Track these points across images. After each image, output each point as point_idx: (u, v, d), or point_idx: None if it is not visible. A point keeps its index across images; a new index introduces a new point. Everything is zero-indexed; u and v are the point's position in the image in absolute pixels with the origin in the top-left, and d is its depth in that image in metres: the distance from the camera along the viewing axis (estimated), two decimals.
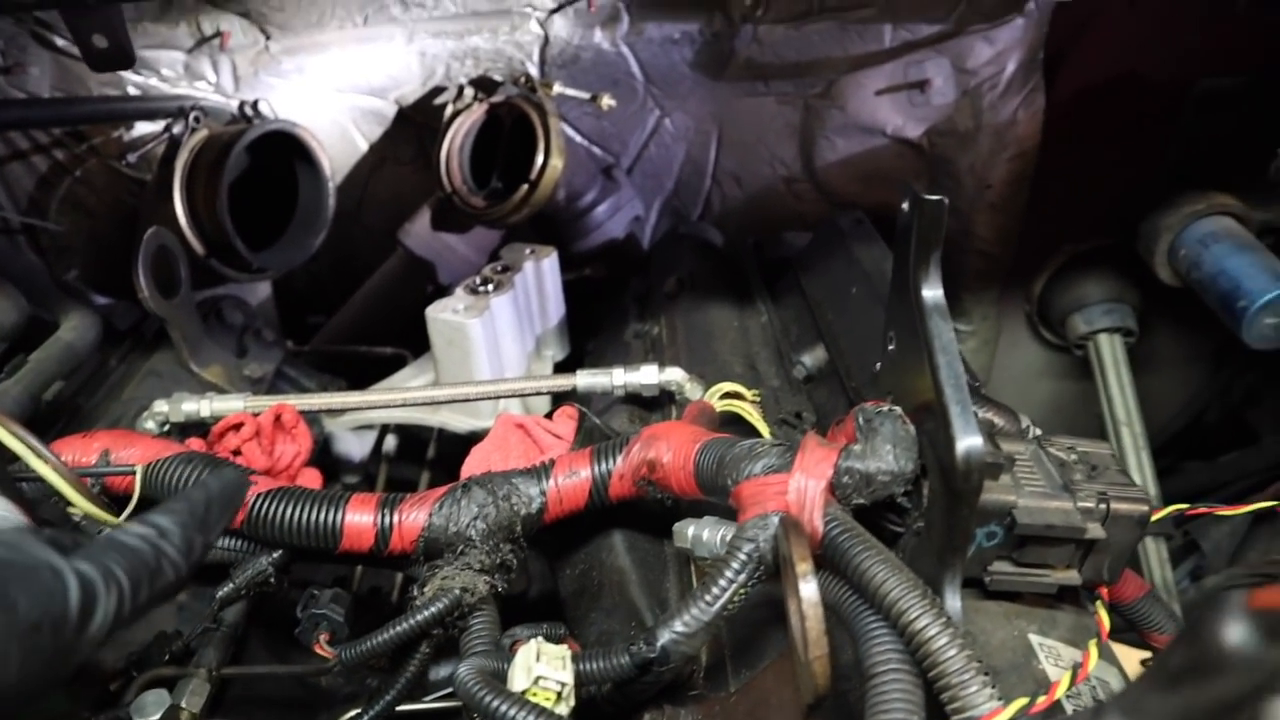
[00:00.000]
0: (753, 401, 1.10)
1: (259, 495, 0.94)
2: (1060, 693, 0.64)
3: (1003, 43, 1.74)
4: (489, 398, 1.27)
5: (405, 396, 1.28)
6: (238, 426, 1.20)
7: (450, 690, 1.17)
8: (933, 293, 0.78)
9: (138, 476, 0.95)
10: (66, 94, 1.78)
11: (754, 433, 1.06)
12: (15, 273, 1.44)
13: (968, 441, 0.69)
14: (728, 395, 1.10)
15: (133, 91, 1.82)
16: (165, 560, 0.55)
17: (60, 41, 1.74)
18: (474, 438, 1.45)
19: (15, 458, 0.91)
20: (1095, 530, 0.78)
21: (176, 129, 1.68)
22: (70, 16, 0.85)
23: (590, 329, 1.69)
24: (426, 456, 1.60)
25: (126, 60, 0.88)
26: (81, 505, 0.92)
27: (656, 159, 2.01)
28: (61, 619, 0.47)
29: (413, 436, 1.68)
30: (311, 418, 1.37)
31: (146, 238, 1.41)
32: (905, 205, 0.80)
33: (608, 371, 1.22)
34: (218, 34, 1.80)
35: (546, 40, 1.82)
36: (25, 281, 1.44)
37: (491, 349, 1.39)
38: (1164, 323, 1.98)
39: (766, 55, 1.84)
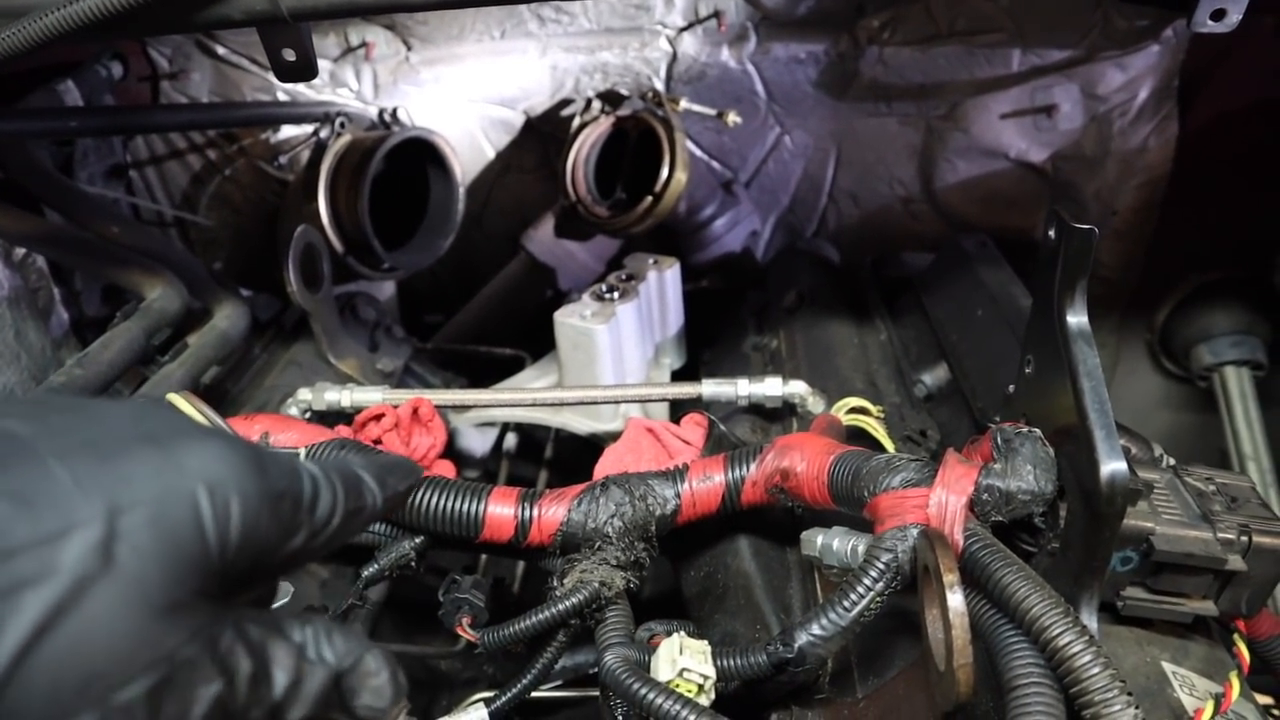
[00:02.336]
0: (878, 417, 1.12)
1: None
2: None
3: (1136, 69, 1.72)
4: (616, 401, 1.32)
5: (535, 396, 1.33)
6: (378, 417, 1.27)
7: (567, 681, 1.23)
8: (1077, 319, 0.79)
9: (301, 457, 1.02)
10: (224, 98, 1.90)
11: (879, 448, 1.08)
12: (174, 263, 1.54)
13: (1112, 466, 0.70)
14: (854, 410, 1.12)
15: (282, 97, 1.93)
16: (365, 486, 0.60)
17: (220, 50, 1.86)
18: (593, 440, 1.50)
19: None
20: (1236, 562, 0.78)
21: (323, 133, 1.78)
22: (265, 33, 0.93)
23: (706, 339, 1.72)
24: (544, 456, 1.65)
25: (310, 72, 0.95)
26: None
27: (774, 175, 2.04)
28: (298, 496, 0.53)
29: (530, 436, 1.75)
30: (441, 412, 1.44)
31: (296, 235, 1.49)
32: (1051, 232, 0.81)
33: (732, 381, 1.26)
34: (363, 44, 1.90)
35: (675, 57, 1.87)
36: (182, 272, 1.54)
37: (615, 355, 1.44)
38: None
39: (890, 76, 1.85)
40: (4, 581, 0.39)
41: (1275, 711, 1.01)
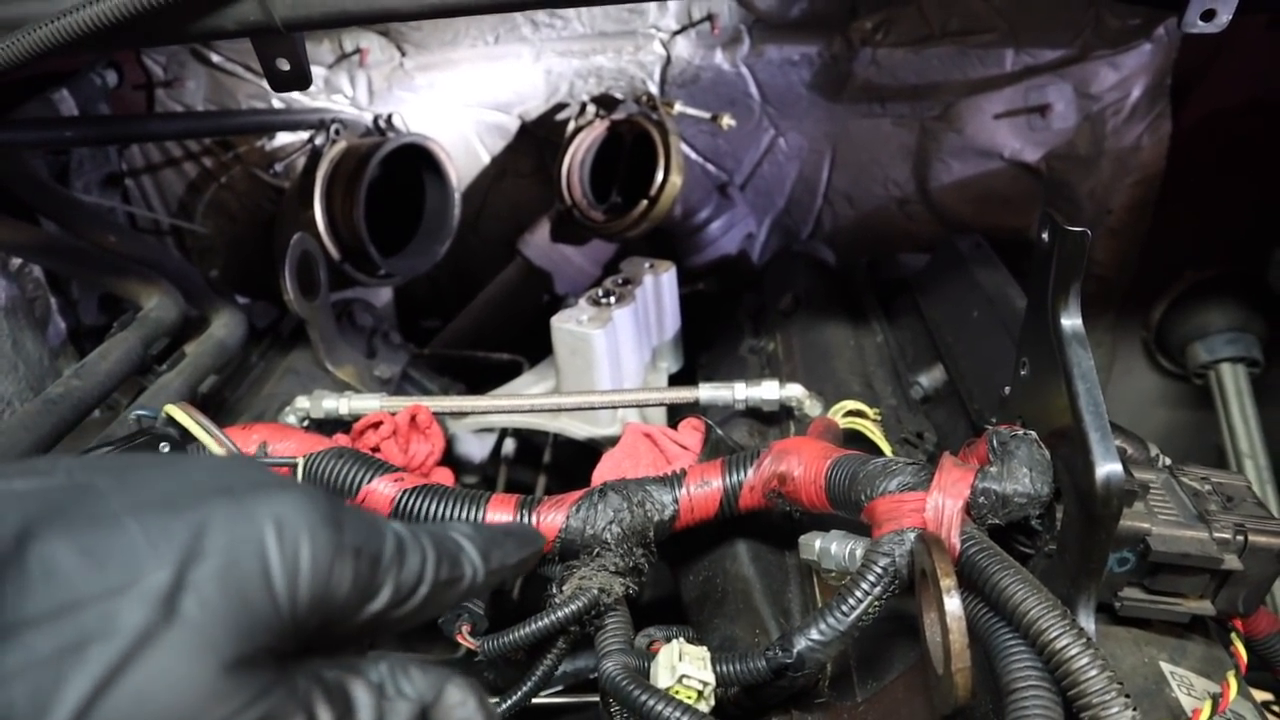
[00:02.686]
0: (875, 420, 1.12)
1: (405, 491, 1.00)
2: None
3: (1129, 68, 1.73)
4: (614, 406, 1.32)
5: (532, 402, 1.34)
6: (376, 425, 1.27)
7: (567, 686, 1.23)
8: (1071, 321, 0.80)
9: (300, 467, 1.02)
10: (219, 106, 1.90)
11: (876, 451, 1.09)
12: (171, 272, 1.54)
13: (1107, 468, 0.70)
14: (851, 413, 1.12)
15: (277, 105, 1.93)
16: (464, 555, 0.57)
17: (215, 58, 1.86)
18: (591, 445, 1.50)
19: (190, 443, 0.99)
20: (1232, 561, 0.79)
21: (318, 140, 1.79)
22: (259, 43, 0.93)
23: (703, 343, 1.72)
24: (542, 461, 1.66)
25: (305, 82, 0.96)
26: None
27: (769, 177, 2.04)
28: (378, 554, 0.50)
29: (528, 441, 1.75)
30: (439, 419, 1.44)
31: (292, 242, 1.49)
32: (1045, 235, 0.81)
33: (729, 385, 1.26)
34: (357, 51, 1.90)
35: (668, 60, 1.88)
36: (179, 280, 1.54)
37: (612, 359, 1.44)
38: None
39: (884, 78, 1.86)
40: (70, 635, 0.39)
41: (1275, 708, 1.01)
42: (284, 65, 0.95)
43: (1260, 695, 1.01)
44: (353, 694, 0.50)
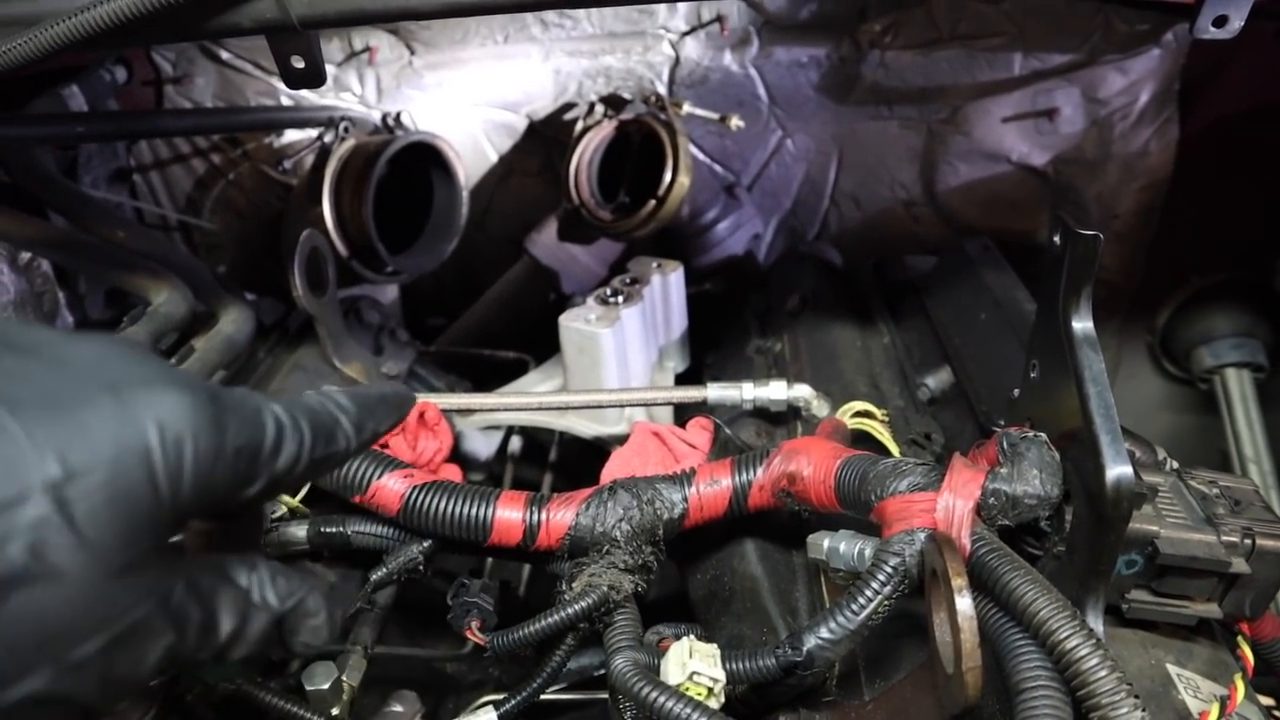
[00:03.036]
0: (883, 421, 1.13)
1: (415, 487, 1.00)
2: None
3: (1137, 73, 1.73)
4: (622, 405, 1.32)
5: (540, 400, 1.34)
6: None
7: (573, 683, 1.24)
8: (1082, 324, 0.80)
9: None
10: (228, 103, 1.90)
11: (884, 452, 1.09)
12: (179, 268, 1.55)
13: (1118, 470, 0.71)
14: (859, 414, 1.13)
15: (286, 102, 1.93)
16: (341, 430, 0.59)
17: (224, 55, 1.87)
18: (597, 443, 1.51)
19: None
20: (1240, 565, 0.79)
21: (327, 138, 1.79)
22: (274, 40, 0.93)
23: (710, 342, 1.72)
24: (549, 460, 1.66)
25: (319, 80, 0.96)
26: None
27: (776, 178, 2.05)
28: (258, 447, 0.52)
29: (534, 440, 1.75)
30: (446, 416, 1.44)
31: (302, 239, 1.50)
32: (1056, 238, 0.82)
33: (737, 385, 1.27)
34: (367, 49, 1.91)
35: (677, 61, 1.88)
36: (187, 276, 1.54)
37: (620, 358, 1.44)
38: None
39: (892, 80, 1.86)
40: None
41: (1278, 713, 1.01)
42: (299, 63, 0.96)
43: (1265, 701, 1.02)
44: (221, 601, 0.52)
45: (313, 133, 1.92)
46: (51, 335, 0.50)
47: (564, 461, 1.67)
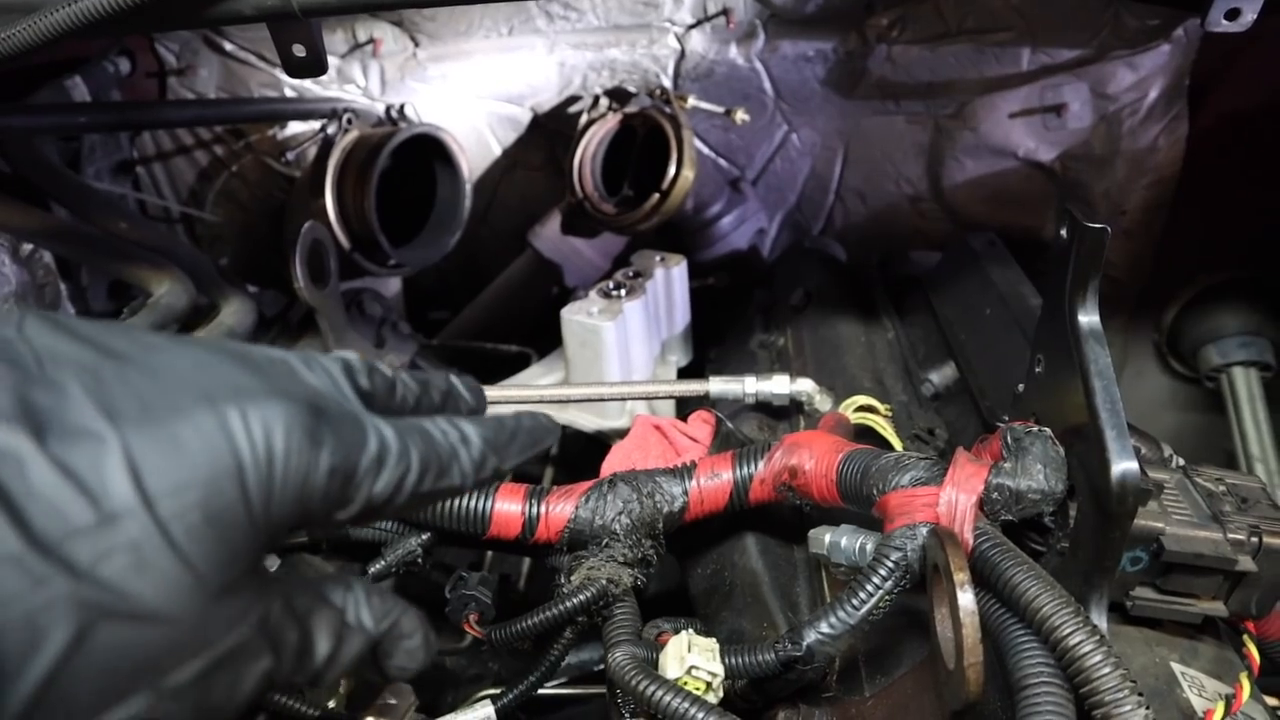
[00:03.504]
0: (886, 416, 1.12)
1: None
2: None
3: (1146, 69, 1.72)
4: (624, 399, 1.32)
5: (541, 393, 1.33)
6: None
7: (572, 678, 1.23)
8: (1089, 318, 0.79)
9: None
10: (231, 94, 1.90)
11: (887, 446, 1.08)
12: (181, 259, 1.54)
13: (1124, 465, 0.70)
14: (862, 408, 1.12)
15: (289, 94, 1.93)
16: (458, 464, 0.54)
17: (228, 46, 1.86)
18: (599, 437, 1.50)
19: None
20: (1246, 563, 0.78)
21: (330, 129, 1.78)
22: (276, 28, 0.92)
23: (713, 337, 1.72)
24: (549, 453, 1.65)
25: (321, 68, 0.95)
26: None
27: (781, 173, 2.04)
28: (353, 470, 0.48)
29: None
30: None
31: (304, 231, 1.49)
32: (1063, 231, 0.81)
33: (740, 379, 1.26)
34: (370, 41, 1.90)
35: (683, 54, 1.87)
36: (189, 267, 1.54)
37: (622, 352, 1.44)
38: None
39: (899, 75, 1.85)
40: (61, 565, 0.38)
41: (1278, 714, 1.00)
42: (300, 51, 0.95)
43: (1270, 701, 1.01)
44: (316, 623, 0.50)
45: (316, 124, 1.92)
46: (150, 339, 0.47)
47: (565, 455, 1.66)
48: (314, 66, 0.96)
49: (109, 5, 0.84)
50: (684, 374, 1.63)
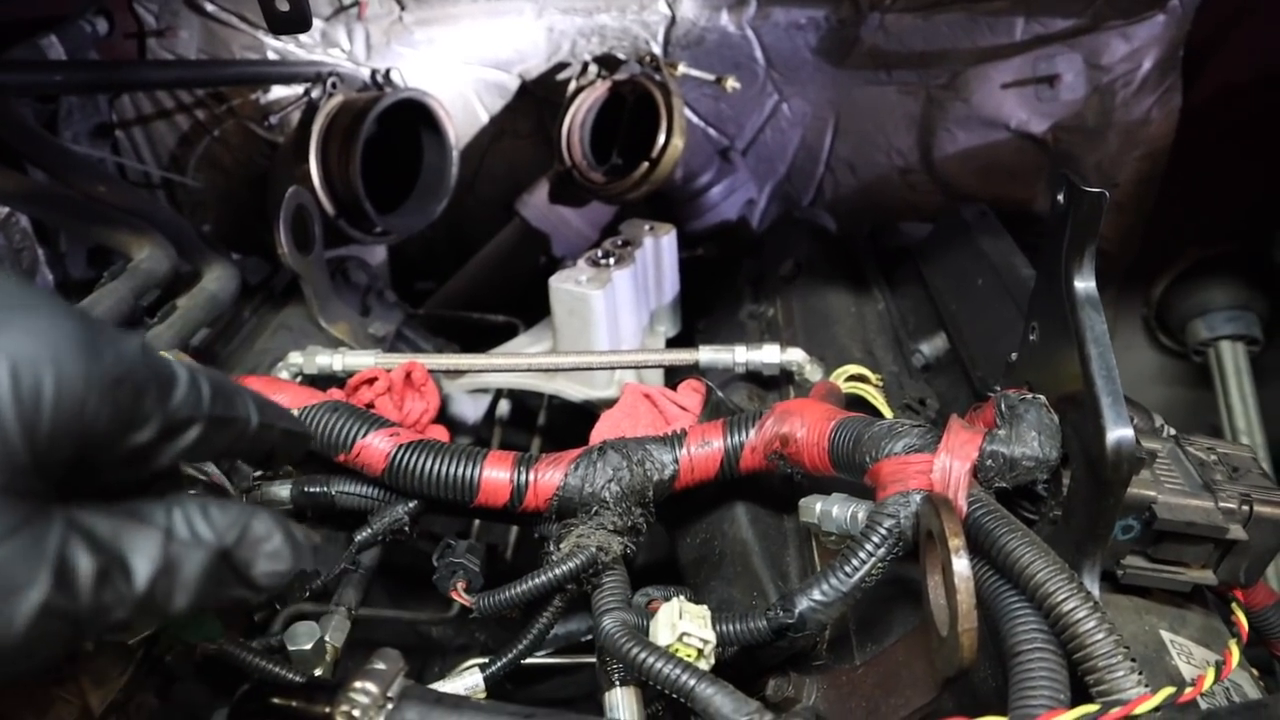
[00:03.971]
0: (877, 385, 1.11)
1: (401, 446, 0.98)
2: (1206, 686, 0.64)
3: (1140, 39, 1.71)
4: (612, 367, 1.30)
5: (530, 362, 1.32)
6: (370, 381, 1.25)
7: (559, 648, 1.23)
8: (1085, 284, 0.78)
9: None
10: (212, 56, 1.86)
11: (878, 416, 1.07)
12: (162, 225, 1.51)
13: (1119, 432, 0.69)
14: (853, 378, 1.11)
15: (272, 56, 1.89)
16: (241, 398, 0.56)
17: (209, 6, 1.82)
18: (587, 407, 1.49)
19: None
20: (1237, 531, 0.78)
21: (314, 94, 1.75)
22: None
23: (702, 307, 1.71)
24: (537, 423, 1.64)
25: (305, 24, 0.93)
26: None
27: (771, 143, 2.02)
28: (143, 383, 0.47)
29: (522, 403, 1.73)
30: (434, 377, 1.42)
31: (287, 196, 1.47)
32: (1060, 196, 0.80)
33: (730, 349, 1.25)
34: (356, 3, 1.87)
35: (673, 21, 1.85)
36: (171, 233, 1.51)
37: (610, 321, 1.42)
38: None
39: (892, 44, 1.83)
40: None
41: (1260, 682, 1.01)
42: (283, 5, 0.93)
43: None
44: (128, 544, 0.47)
45: (300, 89, 1.88)
46: None
47: (553, 425, 1.65)
48: (298, 22, 0.94)
49: None
50: (673, 344, 1.62)
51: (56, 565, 0.43)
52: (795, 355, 1.23)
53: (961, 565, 0.62)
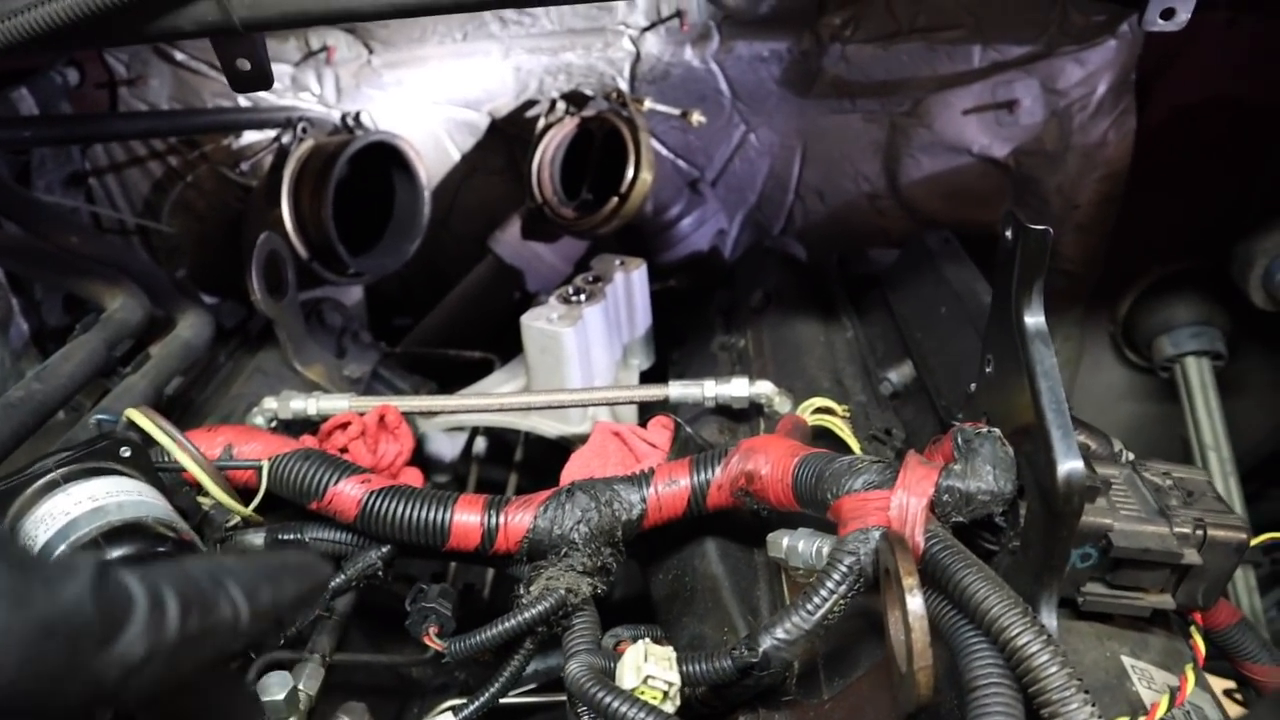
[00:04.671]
0: (843, 417, 1.13)
1: (372, 493, 0.99)
2: (1160, 714, 0.65)
3: (1094, 64, 1.74)
4: (584, 405, 1.31)
5: (502, 401, 1.33)
6: (344, 425, 1.26)
7: (539, 685, 1.23)
8: (1034, 319, 0.80)
9: (264, 470, 1.01)
10: (183, 104, 1.87)
11: (845, 448, 1.09)
12: (135, 272, 1.52)
13: (1069, 465, 0.71)
14: (820, 410, 1.12)
15: (243, 103, 1.91)
16: (224, 595, 0.49)
17: (179, 55, 1.84)
18: (562, 443, 1.50)
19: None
20: (1192, 556, 0.79)
21: (285, 139, 1.77)
22: (219, 43, 0.92)
23: (674, 339, 1.72)
24: (514, 459, 1.65)
25: (266, 82, 0.94)
26: (217, 494, 0.99)
27: (740, 173, 2.04)
28: (82, 624, 0.41)
29: (500, 439, 1.74)
30: (409, 418, 1.43)
31: (260, 242, 1.48)
32: (1008, 233, 0.82)
33: (699, 383, 1.26)
34: (324, 48, 1.89)
35: (638, 57, 1.87)
36: (144, 281, 1.51)
37: (583, 357, 1.44)
38: (1255, 346, 1.96)
39: (854, 74, 1.86)
40: None
41: (1236, 696, 1.02)
42: (245, 65, 0.94)
43: (1224, 684, 1.03)
44: None
45: (271, 134, 1.90)
46: None
47: (530, 461, 1.66)
48: (259, 80, 0.95)
49: (44, 22, 0.83)
50: (647, 377, 1.63)
51: None
52: (764, 388, 1.24)
53: (915, 604, 0.64)
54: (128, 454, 0.93)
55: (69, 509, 0.83)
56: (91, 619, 0.42)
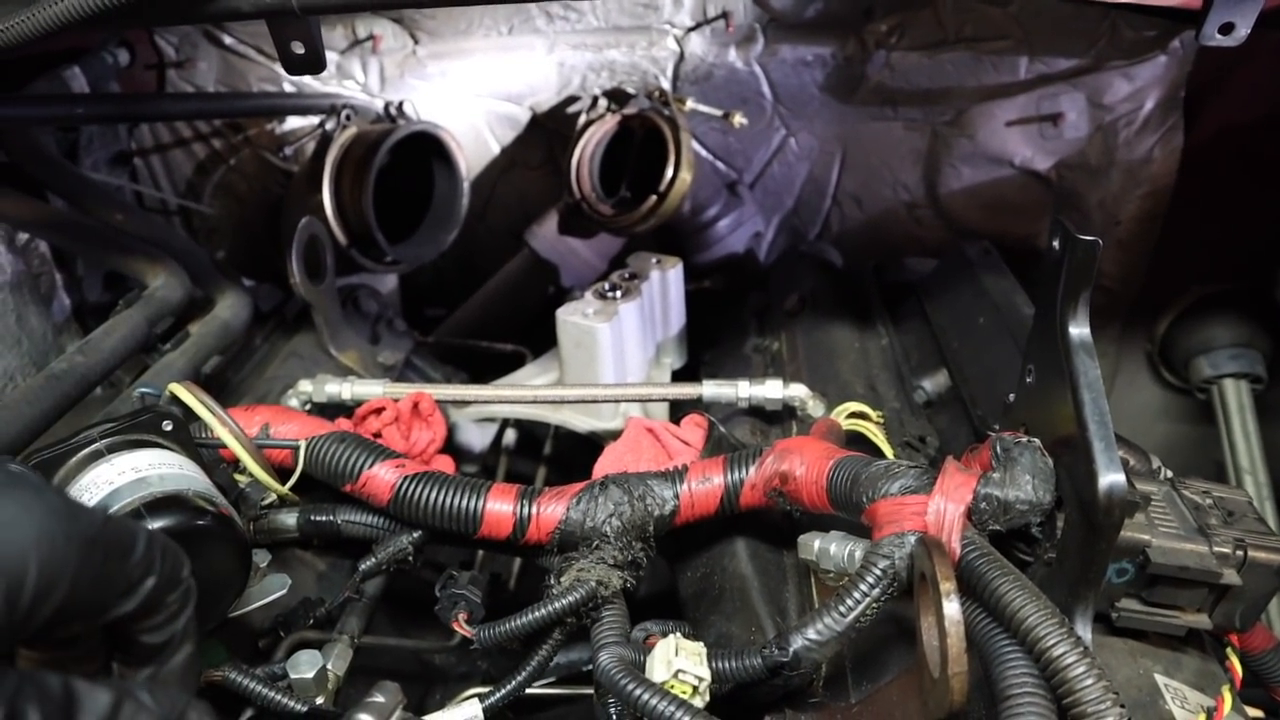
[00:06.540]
0: (878, 423, 1.12)
1: (406, 477, 1.00)
2: None
3: (1143, 79, 1.73)
4: (617, 400, 1.32)
5: (535, 394, 1.34)
6: (378, 410, 1.27)
7: (560, 678, 1.23)
8: (1079, 330, 0.79)
9: (301, 450, 1.02)
10: (230, 88, 1.90)
11: (879, 453, 1.09)
12: (177, 252, 1.54)
13: (1110, 478, 0.70)
14: (854, 415, 1.12)
15: (289, 89, 1.93)
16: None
17: (227, 39, 1.86)
18: (592, 438, 1.50)
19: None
20: (1231, 576, 0.78)
21: (329, 125, 1.78)
22: (275, 25, 0.93)
23: (707, 340, 1.72)
24: (543, 453, 1.66)
25: (319, 66, 0.95)
26: (256, 471, 1.00)
27: (779, 177, 2.04)
28: (112, 545, 0.53)
29: (529, 433, 1.75)
30: (441, 407, 1.44)
31: (300, 226, 1.49)
32: (1055, 243, 0.81)
33: (733, 383, 1.26)
34: (370, 37, 1.90)
35: (682, 56, 1.87)
36: (185, 260, 1.53)
37: (617, 353, 1.44)
38: None
39: (897, 81, 1.85)
40: None
41: None
42: (299, 48, 0.95)
43: (1254, 713, 1.01)
44: (80, 701, 0.48)
45: (315, 120, 1.92)
46: None
47: (559, 455, 1.67)
48: (313, 64, 0.96)
49: (106, 0, 0.85)
50: (678, 376, 1.63)
51: (7, 713, 0.45)
52: (798, 391, 1.24)
53: (952, 609, 0.63)
54: (169, 428, 0.94)
55: (112, 479, 0.84)
56: (115, 539, 0.53)
